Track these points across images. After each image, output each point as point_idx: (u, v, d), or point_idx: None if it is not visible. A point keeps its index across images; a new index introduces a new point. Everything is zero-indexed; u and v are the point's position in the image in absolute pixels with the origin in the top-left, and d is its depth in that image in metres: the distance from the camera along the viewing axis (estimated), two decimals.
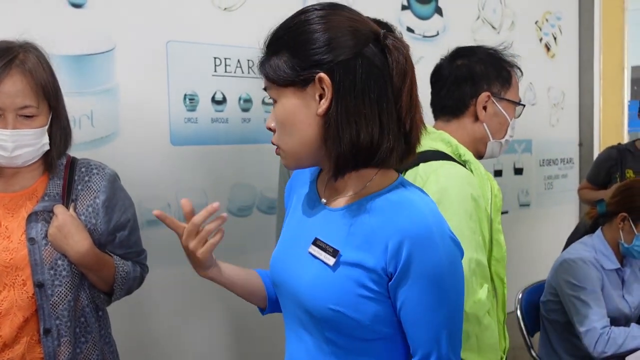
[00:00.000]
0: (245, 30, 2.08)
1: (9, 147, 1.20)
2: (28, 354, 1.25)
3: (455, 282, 0.94)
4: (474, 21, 2.92)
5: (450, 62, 1.44)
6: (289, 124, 0.94)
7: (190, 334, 2.04)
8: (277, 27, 0.95)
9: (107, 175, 1.35)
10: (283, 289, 1.03)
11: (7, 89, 1.19)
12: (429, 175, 1.27)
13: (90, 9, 1.78)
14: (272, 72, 0.93)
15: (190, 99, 1.99)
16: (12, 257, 1.23)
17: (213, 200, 2.06)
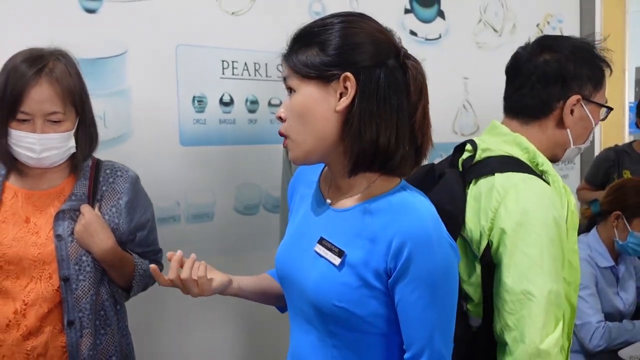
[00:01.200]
0: (252, 34, 2.15)
1: (37, 150, 1.28)
2: (51, 343, 1.33)
3: (448, 285, 0.98)
4: (476, 24, 2.98)
5: (534, 55, 1.26)
6: (305, 115, 0.97)
7: (200, 327, 2.11)
8: (309, 24, 1.00)
9: (130, 177, 1.43)
10: (289, 284, 1.08)
11: (36, 95, 1.27)
12: (507, 190, 1.16)
13: (103, 14, 1.87)
14: (298, 63, 0.97)
15: (199, 101, 2.07)
16: (40, 251, 1.31)
17: (220, 199, 2.15)
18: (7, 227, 1.32)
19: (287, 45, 1.01)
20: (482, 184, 1.20)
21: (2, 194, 1.34)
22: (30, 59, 1.30)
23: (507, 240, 1.14)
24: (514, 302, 1.12)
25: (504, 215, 1.14)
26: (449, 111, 2.82)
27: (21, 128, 1.28)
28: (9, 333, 1.30)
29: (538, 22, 3.31)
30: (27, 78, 1.26)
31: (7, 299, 1.32)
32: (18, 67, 1.28)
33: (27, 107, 1.27)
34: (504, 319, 1.14)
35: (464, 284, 1.22)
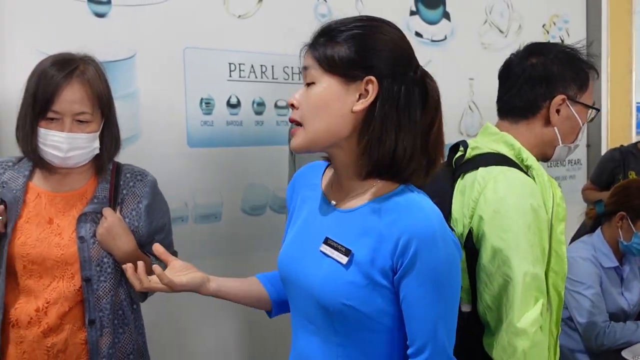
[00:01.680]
0: (259, 37, 2.19)
1: (63, 149, 1.32)
2: (70, 340, 1.37)
3: (452, 280, 1.01)
4: (481, 25, 3.00)
5: (523, 59, 1.35)
6: (322, 107, 0.99)
7: (210, 325, 2.15)
8: (342, 20, 1.01)
9: (149, 182, 1.47)
10: (293, 285, 1.10)
11: (67, 96, 1.31)
12: (487, 182, 1.23)
13: (113, 18, 1.91)
14: (324, 56, 0.98)
15: (207, 103, 2.10)
16: (63, 252, 1.35)
17: (228, 200, 2.18)
18: (30, 228, 1.36)
19: (315, 35, 1.02)
20: (467, 178, 1.28)
21: (25, 195, 1.38)
22: (61, 61, 1.34)
23: (484, 227, 1.21)
24: (493, 283, 1.20)
25: (482, 204, 1.22)
26: (454, 112, 2.84)
27: (50, 127, 1.32)
28: (30, 330, 1.35)
29: (544, 23, 3.33)
30: (59, 78, 1.31)
31: (30, 297, 1.36)
32: (49, 69, 1.32)
33: (58, 106, 1.31)
34: (485, 301, 1.22)
35: None
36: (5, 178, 1.39)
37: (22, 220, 1.36)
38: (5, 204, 1.36)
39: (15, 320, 1.35)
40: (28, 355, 1.35)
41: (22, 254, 1.33)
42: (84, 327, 1.37)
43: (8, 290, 1.35)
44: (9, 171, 1.41)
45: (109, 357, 1.39)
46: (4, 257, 1.33)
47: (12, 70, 1.75)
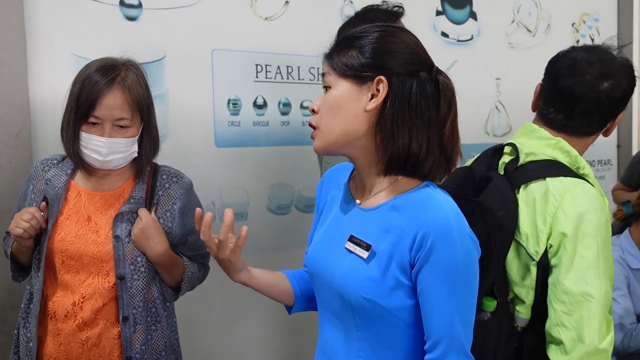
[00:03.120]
0: (285, 38, 2.24)
1: (103, 152, 1.39)
2: (104, 334, 1.44)
3: (468, 276, 1.03)
4: (509, 25, 3.00)
5: (593, 83, 1.30)
6: (337, 109, 1.05)
7: (241, 323, 2.21)
8: (352, 30, 1.09)
9: (184, 184, 1.53)
10: (320, 280, 1.15)
11: (108, 102, 1.37)
12: (563, 196, 1.23)
13: (143, 21, 1.98)
14: (338, 62, 1.06)
15: (234, 104, 2.16)
16: (99, 250, 1.42)
17: (254, 199, 2.24)
18: (70, 224, 1.43)
19: (331, 46, 1.10)
20: (533, 188, 1.27)
21: (67, 192, 1.45)
22: (104, 67, 1.40)
23: (567, 244, 1.21)
24: (573, 303, 1.19)
25: (563, 220, 1.22)
26: (481, 112, 2.85)
27: (91, 131, 1.39)
28: (66, 323, 1.42)
29: (573, 22, 3.31)
30: (101, 85, 1.37)
31: (67, 291, 1.43)
32: (93, 75, 1.38)
33: (99, 112, 1.37)
34: (559, 319, 1.21)
35: (515, 286, 1.30)
36: (49, 175, 1.46)
37: (63, 217, 1.43)
38: (47, 201, 1.43)
39: (53, 313, 1.42)
40: (64, 347, 1.42)
41: (61, 249, 1.40)
42: (118, 323, 1.43)
43: (47, 284, 1.43)
44: (53, 169, 1.48)
45: (141, 353, 1.45)
46: (44, 251, 1.40)
47: (48, 74, 1.83)
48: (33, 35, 1.80)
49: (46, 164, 1.50)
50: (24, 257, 1.47)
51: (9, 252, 1.49)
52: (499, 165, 1.38)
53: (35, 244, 1.43)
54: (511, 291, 1.31)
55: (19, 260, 1.49)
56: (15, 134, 1.80)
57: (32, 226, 1.38)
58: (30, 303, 1.46)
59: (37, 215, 1.39)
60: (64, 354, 1.41)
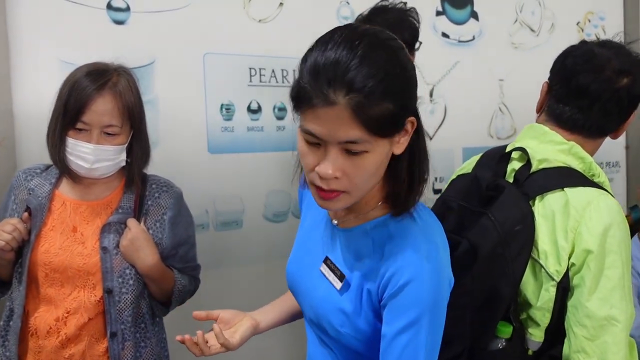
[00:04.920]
0: (279, 41, 2.21)
1: (90, 160, 1.36)
2: (88, 351, 1.41)
3: (434, 327, 0.93)
4: (512, 24, 2.98)
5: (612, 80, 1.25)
6: (376, 172, 0.93)
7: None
8: (380, 63, 0.87)
9: (174, 193, 1.51)
10: (299, 297, 1.13)
11: (97, 107, 1.35)
12: (584, 209, 1.16)
13: (132, 25, 1.96)
14: (375, 125, 0.87)
15: (227, 109, 2.13)
16: (85, 262, 1.39)
17: (249, 206, 2.19)
18: (54, 235, 1.41)
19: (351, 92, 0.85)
20: (550, 200, 1.19)
21: (51, 202, 1.43)
22: (95, 72, 1.38)
23: (591, 262, 1.13)
24: (596, 327, 1.11)
25: (587, 236, 1.14)
26: (484, 114, 2.82)
27: (78, 137, 1.37)
28: (48, 340, 1.40)
29: (578, 21, 3.28)
30: (91, 90, 1.35)
31: (50, 305, 1.40)
32: (82, 80, 1.37)
33: (88, 117, 1.35)
34: (580, 345, 1.13)
35: (531, 309, 1.21)
36: (32, 185, 1.44)
37: (47, 227, 1.40)
38: (30, 211, 1.39)
39: (34, 330, 1.39)
40: None
41: (45, 262, 1.37)
42: (104, 339, 1.41)
43: (29, 299, 1.40)
44: (37, 178, 1.45)
45: None
46: (27, 264, 1.37)
47: (33, 79, 1.81)
48: (16, 40, 1.78)
49: (29, 173, 1.47)
50: (5, 271, 1.43)
51: None
52: (508, 172, 1.29)
53: (17, 256, 1.40)
54: (524, 313, 1.23)
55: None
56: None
57: (14, 238, 1.35)
58: (9, 320, 1.42)
59: (19, 227, 1.36)
60: None
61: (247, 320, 1.21)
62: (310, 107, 0.88)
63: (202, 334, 1.15)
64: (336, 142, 0.88)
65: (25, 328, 1.40)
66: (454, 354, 1.20)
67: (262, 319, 1.23)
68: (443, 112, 2.66)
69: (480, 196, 1.26)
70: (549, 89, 1.35)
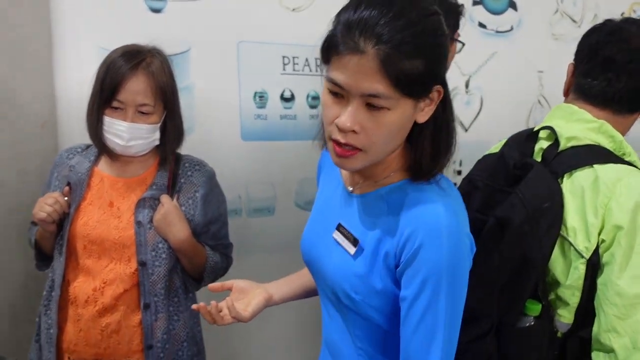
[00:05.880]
0: (313, 29, 2.22)
1: (125, 137, 1.45)
2: (124, 321, 1.50)
3: (456, 286, 0.94)
4: (552, 15, 2.96)
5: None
6: (397, 132, 0.94)
7: (265, 317, 2.20)
8: (412, 19, 0.88)
9: (207, 172, 1.59)
10: (313, 267, 1.14)
11: (131, 87, 1.43)
12: (615, 185, 1.16)
13: (168, 13, 2.05)
14: (401, 81, 0.88)
15: (260, 97, 2.20)
16: (121, 235, 1.48)
17: (281, 194, 2.25)
18: (92, 210, 1.50)
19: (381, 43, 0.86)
20: (579, 177, 1.19)
21: (90, 179, 1.53)
22: (129, 52, 1.48)
23: (622, 238, 1.13)
24: (627, 306, 1.11)
25: (617, 212, 1.14)
26: (522, 106, 2.82)
27: (113, 116, 1.46)
28: (86, 308, 1.49)
29: (623, 12, 3.24)
30: (125, 69, 1.44)
31: (88, 276, 1.49)
32: (118, 60, 1.46)
33: (122, 96, 1.44)
34: (610, 324, 1.12)
35: (560, 288, 1.22)
36: (73, 162, 1.54)
37: (86, 202, 1.50)
38: (71, 186, 1.49)
39: (74, 298, 1.48)
40: (84, 333, 1.48)
41: (83, 234, 1.47)
42: (138, 310, 1.48)
43: (69, 269, 1.50)
44: (77, 156, 1.55)
45: (162, 342, 1.50)
46: (66, 236, 1.47)
47: (74, 65, 1.91)
48: (59, 28, 1.89)
49: (70, 151, 1.57)
50: (48, 244, 1.54)
51: (33, 240, 1.56)
52: (535, 152, 1.31)
53: (58, 229, 1.50)
54: (552, 292, 1.23)
55: (42, 248, 1.56)
56: (41, 124, 1.88)
57: (55, 210, 1.45)
58: (51, 290, 1.53)
59: (60, 200, 1.46)
60: (84, 340, 1.47)
61: (260, 293, 1.24)
62: (338, 55, 0.90)
63: (216, 304, 1.18)
64: (359, 94, 0.89)
65: (66, 296, 1.50)
66: (482, 330, 1.22)
67: (276, 292, 1.26)
68: (479, 103, 2.67)
69: (506, 175, 1.27)
70: (575, 68, 1.37)
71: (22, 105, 1.90)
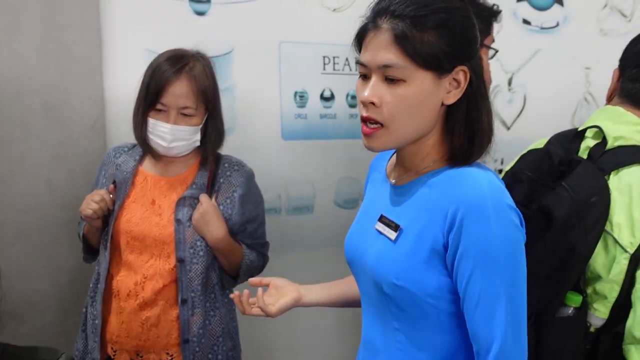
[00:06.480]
0: (353, 29, 2.28)
1: (167, 139, 1.53)
2: (163, 315, 1.57)
3: (510, 258, 0.95)
4: (601, 10, 2.91)
5: None
6: (417, 107, 0.97)
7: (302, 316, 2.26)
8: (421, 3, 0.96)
9: (245, 172, 1.65)
10: (355, 266, 1.15)
11: (175, 90, 1.51)
12: None
13: (212, 16, 2.12)
14: (418, 50, 0.94)
15: (301, 96, 2.25)
16: (161, 232, 1.56)
17: (320, 192, 2.31)
18: (136, 207, 1.59)
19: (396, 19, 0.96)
20: (627, 175, 1.23)
21: (134, 177, 1.62)
22: (173, 57, 1.56)
23: None
24: None
25: None
26: (567, 104, 2.79)
27: (157, 118, 1.54)
28: (128, 302, 1.57)
29: None
30: (169, 74, 1.52)
31: (130, 271, 1.58)
32: (162, 64, 1.54)
33: (166, 99, 1.52)
34: None
35: (599, 282, 1.25)
36: (119, 161, 1.63)
37: (130, 199, 1.58)
38: (116, 184, 1.58)
39: (117, 291, 1.57)
40: (126, 325, 1.56)
41: (127, 230, 1.55)
42: (176, 305, 1.56)
43: (113, 263, 1.59)
44: (124, 155, 1.64)
45: (199, 337, 1.57)
46: (111, 231, 1.56)
47: (123, 69, 1.99)
48: (108, 31, 1.98)
49: (117, 151, 1.66)
50: (94, 238, 1.63)
51: (81, 234, 1.66)
52: (581, 150, 1.34)
53: (104, 225, 1.59)
54: (589, 287, 1.26)
55: (89, 242, 1.66)
56: (90, 125, 1.98)
57: (100, 207, 1.54)
58: (97, 282, 1.62)
59: (105, 197, 1.55)
60: (125, 332, 1.56)
61: (291, 292, 1.29)
62: (363, 38, 1.02)
63: (248, 293, 1.25)
64: (376, 66, 0.98)
65: (110, 290, 1.59)
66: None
67: (306, 294, 1.30)
68: (522, 101, 2.66)
69: (551, 171, 1.31)
70: (621, 73, 1.42)
71: (72, 107, 2.01)
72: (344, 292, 1.32)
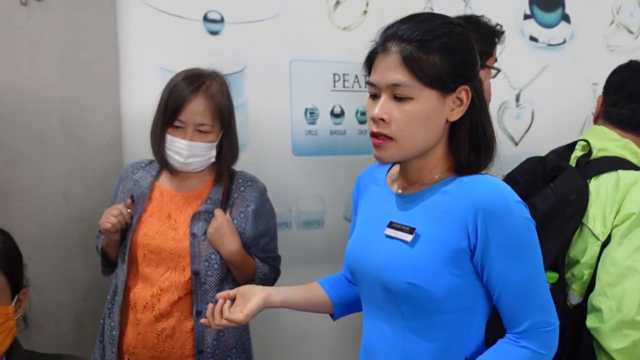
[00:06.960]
0: (363, 47, 2.35)
1: (184, 155, 1.60)
2: (178, 327, 1.63)
3: (533, 245, 1.07)
4: (607, 26, 2.96)
5: None
6: (425, 123, 1.07)
7: (314, 327, 2.34)
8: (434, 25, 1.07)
9: (258, 188, 1.71)
10: (360, 272, 1.20)
11: (192, 107, 1.58)
12: (633, 184, 1.45)
13: (225, 35, 2.19)
14: (423, 70, 1.04)
15: (311, 113, 2.32)
16: (177, 246, 1.62)
17: (330, 207, 2.36)
18: (152, 221, 1.65)
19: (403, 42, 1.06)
20: (605, 179, 1.48)
21: (151, 192, 1.68)
22: (191, 76, 1.62)
23: (629, 221, 1.40)
24: (618, 275, 1.34)
25: (629, 203, 1.43)
26: (575, 120, 2.83)
27: (175, 134, 1.60)
28: (144, 313, 1.63)
29: None
30: (187, 92, 1.59)
31: (147, 283, 1.64)
32: (180, 83, 1.61)
33: (183, 116, 1.58)
34: (602, 289, 1.36)
35: (577, 266, 1.49)
36: (137, 177, 1.70)
37: (147, 214, 1.65)
38: (133, 199, 1.65)
39: (134, 303, 1.63)
40: (142, 337, 1.62)
41: (143, 244, 1.62)
42: (191, 317, 1.61)
43: (130, 276, 1.65)
44: (141, 171, 1.71)
45: (212, 348, 1.62)
46: (129, 245, 1.62)
47: (139, 86, 2.06)
48: (124, 50, 2.06)
49: (135, 166, 1.73)
50: (112, 252, 1.70)
51: (100, 247, 1.72)
52: (571, 159, 1.57)
53: (122, 238, 1.65)
54: (569, 271, 1.50)
55: (108, 255, 1.72)
56: (107, 141, 2.06)
57: (119, 221, 1.60)
58: (115, 294, 1.68)
59: (123, 211, 1.62)
60: (142, 343, 1.62)
61: (257, 292, 1.25)
62: (373, 61, 1.12)
63: (212, 307, 1.23)
64: (385, 85, 1.07)
65: (127, 302, 1.65)
66: None
67: (273, 293, 1.27)
68: (530, 117, 2.71)
69: (544, 176, 1.53)
70: (604, 99, 1.69)
71: (89, 123, 2.08)
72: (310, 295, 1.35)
